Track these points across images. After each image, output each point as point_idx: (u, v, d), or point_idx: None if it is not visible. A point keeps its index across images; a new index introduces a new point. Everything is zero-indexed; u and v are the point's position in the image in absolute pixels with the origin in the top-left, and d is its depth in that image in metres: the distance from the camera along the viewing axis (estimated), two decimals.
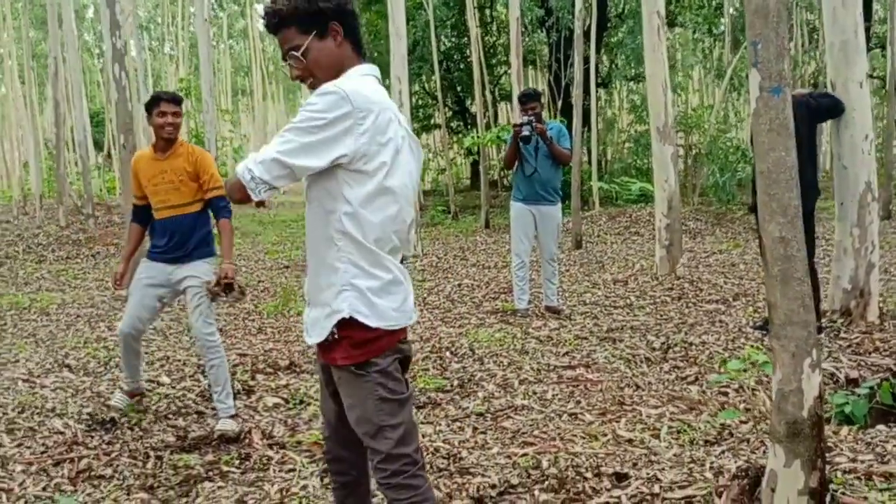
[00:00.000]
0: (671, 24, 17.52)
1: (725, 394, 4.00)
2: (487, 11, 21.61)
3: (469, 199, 21.00)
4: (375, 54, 20.78)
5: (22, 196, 22.67)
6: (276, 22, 1.98)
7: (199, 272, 4.12)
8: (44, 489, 3.35)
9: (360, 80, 1.97)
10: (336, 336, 1.97)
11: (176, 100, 4.12)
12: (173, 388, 4.81)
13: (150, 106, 4.10)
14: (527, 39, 16.21)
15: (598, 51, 14.60)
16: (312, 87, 1.99)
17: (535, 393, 4.25)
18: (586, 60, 11.56)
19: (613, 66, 18.41)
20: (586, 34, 11.87)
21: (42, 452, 3.76)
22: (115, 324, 6.81)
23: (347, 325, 1.96)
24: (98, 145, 30.87)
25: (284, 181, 1.89)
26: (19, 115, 26.20)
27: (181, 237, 4.10)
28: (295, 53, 1.97)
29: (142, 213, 4.27)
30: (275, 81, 41.56)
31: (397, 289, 2.00)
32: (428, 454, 3.47)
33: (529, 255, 6.52)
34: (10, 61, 26.07)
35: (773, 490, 2.41)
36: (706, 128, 14.23)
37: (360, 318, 1.95)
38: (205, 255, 4.19)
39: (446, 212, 17.33)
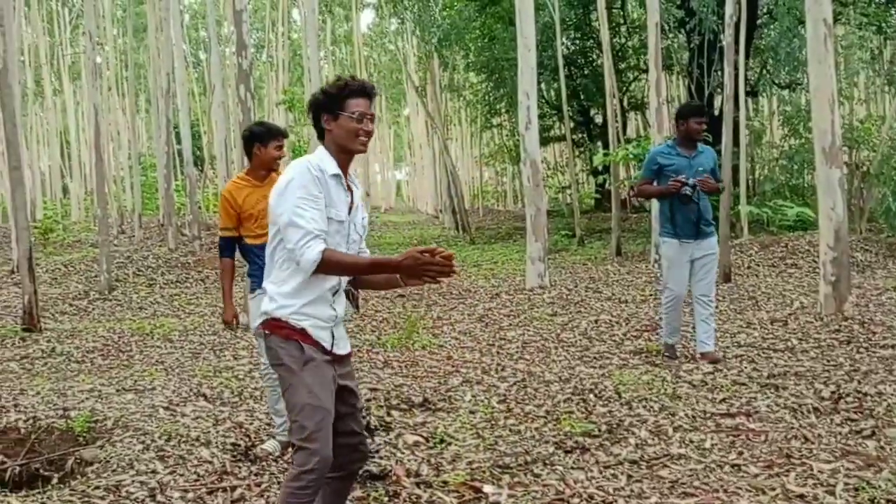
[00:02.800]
0: (833, 21, 17.16)
1: None
2: (615, 10, 21.80)
3: (594, 221, 21.14)
4: (491, 62, 21.33)
5: (119, 214, 24.43)
6: (375, 95, 3.11)
7: None
8: None
9: None
10: None
11: (286, 135, 4.91)
12: None
13: (266, 138, 4.76)
14: (664, 42, 16.34)
15: (746, 56, 14.56)
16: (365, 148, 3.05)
17: (691, 441, 4.49)
18: (734, 67, 11.60)
19: (764, 71, 18.22)
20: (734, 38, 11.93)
21: (195, 480, 4.28)
22: (240, 352, 7.48)
23: None
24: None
25: None
26: (113, 128, 28.21)
27: None
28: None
29: (233, 246, 4.85)
30: (378, 90, 42.99)
31: None
32: (581, 500, 3.79)
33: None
34: (109, 71, 28.14)
35: None
36: (876, 143, 13.90)
37: None
38: None
39: (571, 236, 17.57)
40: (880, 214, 13.21)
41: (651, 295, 9.74)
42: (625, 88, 23.08)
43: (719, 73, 15.29)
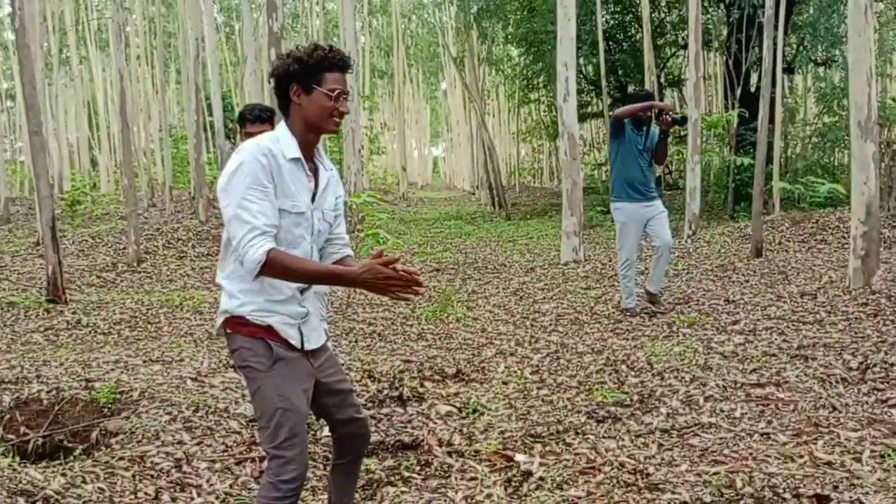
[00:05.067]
0: None
1: None
2: None
3: None
4: (530, 34, 21.21)
5: (149, 187, 24.61)
6: (352, 70, 2.79)
7: None
8: (231, 486, 3.92)
9: None
10: None
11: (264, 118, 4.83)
12: None
13: (242, 121, 4.82)
14: (703, 17, 16.22)
15: (785, 32, 14.43)
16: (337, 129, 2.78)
17: (721, 411, 4.59)
18: (773, 42, 11.53)
19: (801, 48, 18.00)
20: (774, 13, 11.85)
21: (223, 451, 4.32)
22: None
23: None
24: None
25: None
26: (143, 99, 28.24)
27: None
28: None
29: None
30: (416, 63, 42.71)
31: None
32: (612, 469, 3.90)
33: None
34: (138, 39, 28.09)
35: None
36: None
37: None
38: None
39: (606, 212, 17.56)
40: None
41: (683, 269, 9.81)
42: (662, 64, 22.85)
43: (757, 49, 15.15)
